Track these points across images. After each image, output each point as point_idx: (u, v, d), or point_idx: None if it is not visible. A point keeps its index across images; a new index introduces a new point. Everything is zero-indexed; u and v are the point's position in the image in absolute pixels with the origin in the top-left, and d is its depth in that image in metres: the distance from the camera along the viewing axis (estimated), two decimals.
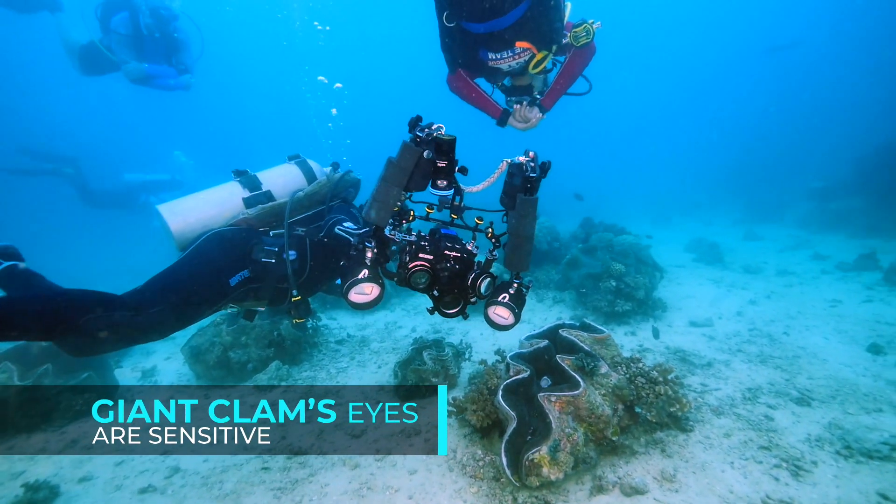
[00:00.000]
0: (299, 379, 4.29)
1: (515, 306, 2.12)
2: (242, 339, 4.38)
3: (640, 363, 2.91)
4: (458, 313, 2.21)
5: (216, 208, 2.71)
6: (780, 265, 7.23)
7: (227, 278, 2.47)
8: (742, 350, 4.03)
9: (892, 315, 4.59)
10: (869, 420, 2.87)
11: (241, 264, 2.55)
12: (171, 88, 6.27)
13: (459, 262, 2.09)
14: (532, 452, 2.45)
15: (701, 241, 8.83)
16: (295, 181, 2.99)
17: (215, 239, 2.57)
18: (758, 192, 13.53)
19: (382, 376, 4.18)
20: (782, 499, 2.32)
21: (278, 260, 2.61)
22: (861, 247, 7.48)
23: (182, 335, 5.89)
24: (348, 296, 1.99)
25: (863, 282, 5.94)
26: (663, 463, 2.68)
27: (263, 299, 2.75)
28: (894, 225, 8.97)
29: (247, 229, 2.71)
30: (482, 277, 2.09)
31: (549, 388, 2.85)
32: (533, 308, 5.69)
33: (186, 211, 2.65)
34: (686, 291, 5.89)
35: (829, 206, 11.11)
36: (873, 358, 3.75)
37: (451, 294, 2.14)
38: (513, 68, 3.26)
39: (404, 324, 5.68)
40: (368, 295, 2.01)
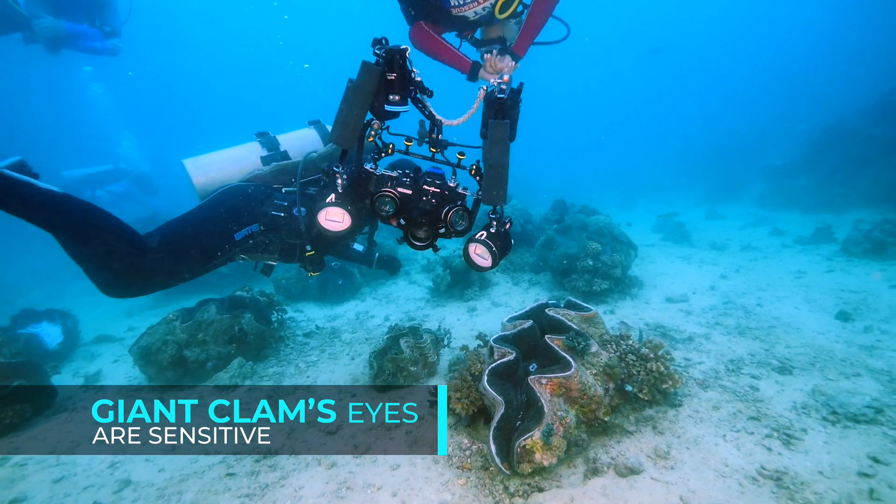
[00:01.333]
0: (265, 376, 3.98)
1: (492, 244, 2.04)
2: (199, 335, 4.02)
3: (630, 340, 2.81)
4: (427, 245, 2.19)
5: (235, 165, 2.88)
6: (744, 241, 7.43)
7: (232, 233, 2.62)
8: (720, 323, 4.03)
9: (854, 283, 4.73)
10: (849, 385, 2.89)
11: (251, 218, 2.70)
12: (98, 53, 5.44)
13: (438, 197, 2.08)
14: (524, 438, 2.29)
15: (667, 221, 8.99)
16: (312, 144, 3.05)
17: (227, 193, 2.72)
18: (716, 174, 13.97)
19: (356, 368, 3.94)
20: (777, 469, 2.27)
21: (288, 215, 2.73)
22: (815, 222, 7.78)
23: (130, 336, 5.46)
24: (319, 221, 2.02)
25: (821, 253, 6.15)
26: (656, 440, 2.59)
27: (274, 253, 2.91)
28: (842, 200, 9.43)
29: (260, 185, 2.84)
30: (453, 209, 2.06)
31: (537, 370, 2.71)
32: (509, 291, 5.57)
33: (207, 165, 2.84)
34: (659, 269, 5.92)
35: (782, 184, 11.57)
36: (843, 325, 3.82)
37: (421, 226, 2.12)
38: (479, 15, 3.03)
39: (376, 313, 5.43)
40: (340, 222, 2.02)
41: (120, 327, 5.98)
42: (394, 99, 1.98)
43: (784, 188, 11.33)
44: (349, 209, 2.03)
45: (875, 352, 3.26)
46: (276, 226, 2.75)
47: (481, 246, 2.04)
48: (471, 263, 2.13)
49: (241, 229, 2.65)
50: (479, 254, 2.08)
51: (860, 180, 9.64)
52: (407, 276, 7.00)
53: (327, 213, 2.02)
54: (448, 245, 9.26)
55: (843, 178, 9.96)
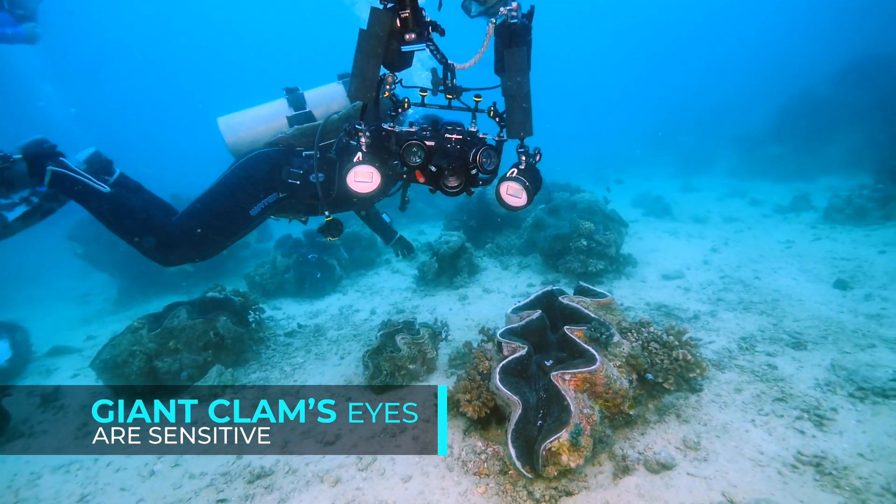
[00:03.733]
0: (248, 382, 3.64)
1: (526, 180, 1.98)
2: (170, 343, 3.64)
3: (651, 327, 2.63)
4: (461, 190, 2.16)
5: (263, 125, 2.95)
6: (724, 212, 7.46)
7: (248, 209, 2.77)
8: (722, 299, 3.94)
9: (844, 251, 4.75)
10: (867, 357, 2.82)
11: (271, 187, 2.82)
12: (10, 41, 4.71)
13: (462, 143, 2.04)
14: (550, 441, 2.08)
15: (646, 195, 8.96)
16: (338, 102, 3.01)
17: (249, 163, 2.84)
18: (688, 146, 14.11)
19: (347, 368, 3.65)
20: (815, 453, 2.15)
21: (304, 182, 2.79)
22: (789, 190, 7.90)
23: (90, 346, 4.98)
24: (349, 184, 1.99)
25: (804, 222, 6.20)
26: (682, 430, 2.44)
27: (300, 213, 3.05)
28: (814, 168, 9.63)
29: (281, 151, 2.90)
30: (482, 150, 2.01)
31: (554, 365, 2.49)
32: (499, 276, 5.35)
33: (238, 125, 2.95)
34: (648, 245, 5.82)
35: (753, 154, 11.77)
36: (843, 294, 3.79)
37: (452, 172, 2.08)
38: None
39: (361, 306, 5.12)
40: (369, 182, 1.99)
41: (77, 337, 5.45)
42: (409, 38, 1.89)
43: (755, 158, 11.53)
44: (377, 166, 1.99)
45: (884, 321, 3.21)
46: (294, 193, 2.82)
47: (514, 183, 1.96)
48: (504, 204, 2.05)
49: (257, 204, 2.79)
50: (511, 193, 1.99)
51: (830, 147, 9.86)
52: (388, 265, 6.70)
53: (356, 173, 1.99)
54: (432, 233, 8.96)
55: (814, 146, 10.18)
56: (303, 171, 2.78)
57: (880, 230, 5.29)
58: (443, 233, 5.61)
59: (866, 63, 10.72)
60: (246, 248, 8.41)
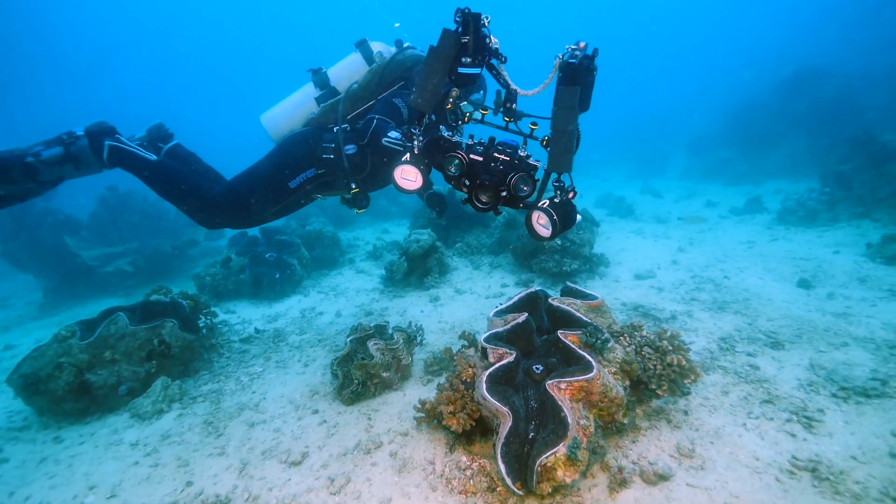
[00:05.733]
0: (198, 396, 3.26)
1: (553, 214, 2.00)
2: (106, 354, 3.20)
3: (643, 330, 2.52)
4: (489, 208, 2.20)
5: (297, 110, 3.15)
6: (684, 213, 7.65)
7: (286, 181, 2.96)
8: (696, 299, 3.95)
9: (801, 251, 4.92)
10: (842, 356, 2.85)
11: (307, 164, 2.97)
12: None
13: (507, 164, 2.09)
14: (546, 456, 1.91)
15: (608, 195, 9.09)
16: (358, 72, 3.12)
17: (286, 143, 3.05)
18: (643, 150, 14.56)
19: (313, 377, 3.35)
20: (809, 458, 2.10)
21: (337, 155, 2.90)
22: (740, 193, 8.23)
23: (8, 358, 4.36)
24: (396, 180, 2.13)
25: (759, 223, 6.44)
26: (675, 436, 2.34)
27: (342, 189, 3.07)
28: (761, 171, 10.14)
29: (313, 130, 3.06)
30: (518, 174, 2.05)
31: (545, 372, 2.33)
32: (471, 276, 5.17)
33: (277, 117, 3.17)
34: (617, 245, 5.84)
35: (704, 158, 12.28)
36: (807, 293, 3.89)
37: (485, 189, 2.14)
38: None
39: (325, 308, 4.80)
40: (413, 181, 2.11)
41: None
42: (466, 61, 2.01)
43: (706, 162, 12.03)
44: (422, 168, 2.09)
45: (851, 319, 3.29)
46: (330, 168, 2.94)
47: (543, 215, 2.01)
48: (532, 232, 2.10)
49: (295, 177, 2.95)
50: (540, 223, 2.04)
51: (774, 152, 10.42)
52: (352, 265, 6.38)
53: (402, 171, 2.10)
54: (396, 231, 8.68)
55: (759, 151, 10.73)
56: (334, 146, 2.90)
57: (831, 231, 5.55)
58: (412, 231, 5.37)
59: (802, 75, 11.44)
60: (194, 246, 7.80)
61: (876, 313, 3.33)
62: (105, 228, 7.66)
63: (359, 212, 3.16)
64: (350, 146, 2.88)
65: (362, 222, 10.29)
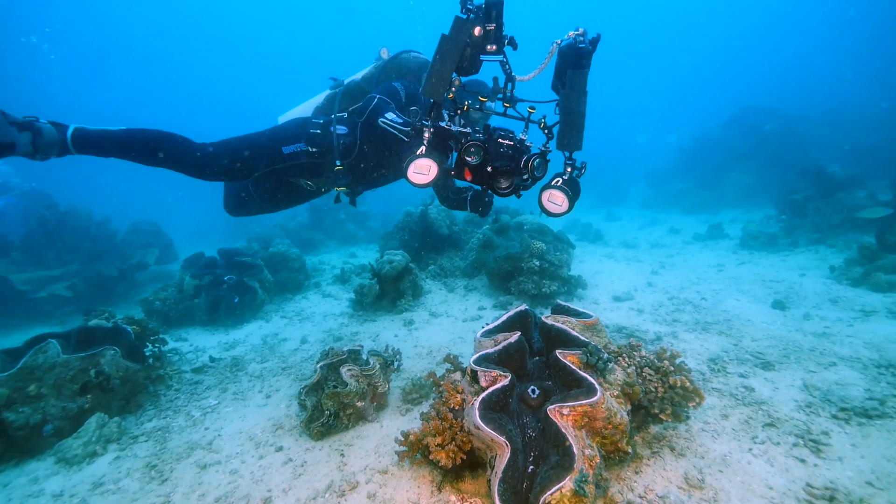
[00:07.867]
0: (140, 435, 2.82)
1: (569, 190, 2.06)
2: (30, 388, 2.73)
3: (642, 350, 2.36)
4: (511, 191, 2.24)
5: (309, 106, 3.26)
6: (650, 239, 7.79)
7: (281, 146, 2.95)
8: (677, 320, 3.88)
9: (770, 273, 5.02)
10: (834, 376, 2.80)
11: (297, 137, 2.98)
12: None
13: (513, 149, 2.14)
14: (551, 493, 1.68)
15: (576, 222, 9.19)
16: (368, 71, 3.20)
17: (287, 123, 3.14)
18: (605, 180, 15.03)
19: (276, 410, 2.99)
20: (825, 485, 1.96)
21: (324, 131, 2.93)
22: (698, 221, 8.52)
23: None
24: (409, 175, 2.09)
25: (724, 248, 6.60)
26: (681, 465, 2.16)
27: (328, 174, 3.02)
28: (715, 202, 10.61)
29: (311, 114, 3.17)
30: (534, 157, 2.13)
31: (542, 395, 2.12)
32: (446, 299, 4.95)
33: (291, 114, 3.30)
34: (592, 268, 5.80)
35: (662, 189, 12.78)
36: (783, 313, 3.91)
37: (505, 175, 2.17)
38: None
39: (289, 335, 4.42)
40: (426, 175, 2.08)
41: None
42: (490, 49, 2.03)
43: (664, 192, 12.51)
44: (436, 161, 2.07)
45: (833, 339, 3.29)
46: (314, 142, 2.93)
47: (558, 192, 2.06)
48: (545, 210, 2.13)
49: (290, 144, 2.95)
50: (553, 200, 2.08)
51: (725, 184, 10.96)
52: (318, 289, 6.02)
53: (416, 165, 2.07)
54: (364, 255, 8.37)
55: (712, 182, 11.26)
56: (323, 122, 2.95)
57: (792, 255, 5.74)
58: (385, 252, 5.12)
59: (748, 112, 12.24)
60: (143, 269, 7.20)
61: (855, 333, 3.34)
62: (41, 250, 6.95)
63: (346, 193, 3.11)
64: (342, 127, 2.91)
65: (328, 247, 9.92)
